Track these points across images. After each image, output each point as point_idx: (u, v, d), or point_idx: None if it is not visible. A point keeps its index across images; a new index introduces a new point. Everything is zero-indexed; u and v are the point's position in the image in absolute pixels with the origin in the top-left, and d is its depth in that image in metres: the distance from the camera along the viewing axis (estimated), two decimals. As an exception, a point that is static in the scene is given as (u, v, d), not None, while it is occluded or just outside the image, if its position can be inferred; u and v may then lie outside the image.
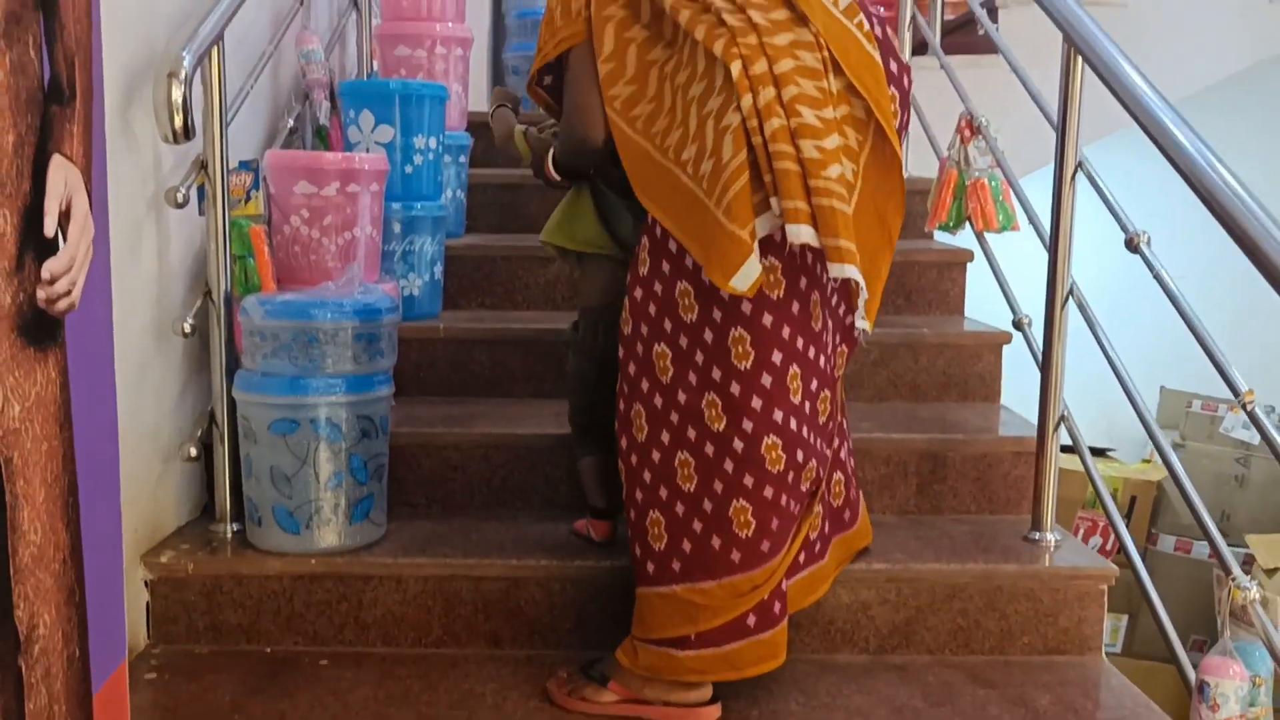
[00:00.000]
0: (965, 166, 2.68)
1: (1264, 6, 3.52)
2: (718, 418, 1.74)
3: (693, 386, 1.75)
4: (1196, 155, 1.65)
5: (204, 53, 1.97)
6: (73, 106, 0.99)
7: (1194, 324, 1.79)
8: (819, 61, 1.68)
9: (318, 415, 2.00)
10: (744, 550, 1.76)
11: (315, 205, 2.31)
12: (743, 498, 1.74)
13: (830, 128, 1.64)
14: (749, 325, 1.71)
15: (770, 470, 1.74)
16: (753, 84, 1.63)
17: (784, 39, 1.67)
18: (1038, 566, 2.09)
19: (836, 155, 1.64)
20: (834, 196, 1.61)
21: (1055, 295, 2.11)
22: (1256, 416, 1.59)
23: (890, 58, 1.78)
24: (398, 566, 2.05)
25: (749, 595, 1.77)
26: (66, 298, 0.99)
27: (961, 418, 2.52)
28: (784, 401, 1.74)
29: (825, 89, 1.67)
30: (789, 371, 1.73)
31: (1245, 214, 1.53)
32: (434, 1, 3.00)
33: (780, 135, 1.61)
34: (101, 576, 1.06)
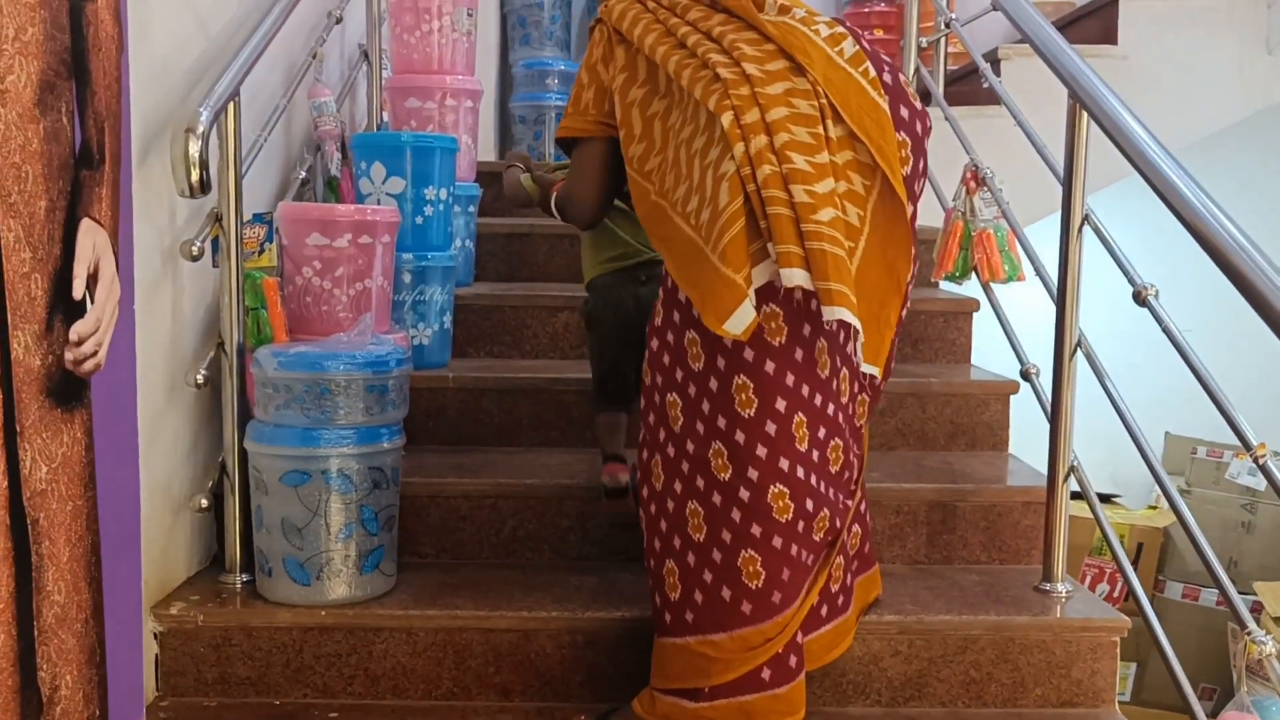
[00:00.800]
0: (970, 217, 2.71)
1: (1262, 58, 3.56)
2: (724, 467, 1.74)
3: (700, 435, 1.76)
4: (1201, 209, 1.67)
5: (220, 108, 2.00)
6: (102, 170, 1.01)
7: (1204, 378, 1.80)
8: (815, 109, 1.70)
9: (329, 467, 2.01)
10: (754, 602, 1.75)
11: (327, 257, 2.33)
12: (751, 548, 1.74)
13: (823, 172, 1.66)
14: (752, 373, 1.72)
15: (778, 519, 1.74)
16: (745, 132, 1.66)
17: (778, 88, 1.70)
18: (1049, 618, 2.08)
19: (829, 199, 1.65)
20: (825, 240, 1.62)
21: (1064, 347, 2.12)
22: (1270, 471, 1.60)
23: (900, 104, 1.79)
24: (408, 618, 2.05)
25: (761, 648, 1.76)
26: (93, 359, 1.00)
27: (970, 467, 2.52)
28: (790, 449, 1.73)
29: (820, 135, 1.69)
30: (794, 419, 1.73)
31: (1250, 266, 1.54)
32: (444, 55, 3.04)
33: (772, 181, 1.63)
34: (122, 635, 1.06)
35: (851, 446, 1.88)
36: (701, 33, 1.78)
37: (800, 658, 1.82)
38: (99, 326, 0.99)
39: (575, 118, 1.93)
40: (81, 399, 0.98)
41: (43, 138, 0.90)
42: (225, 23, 2.31)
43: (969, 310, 2.94)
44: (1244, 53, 3.58)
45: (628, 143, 1.83)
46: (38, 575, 0.93)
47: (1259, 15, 3.56)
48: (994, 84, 2.76)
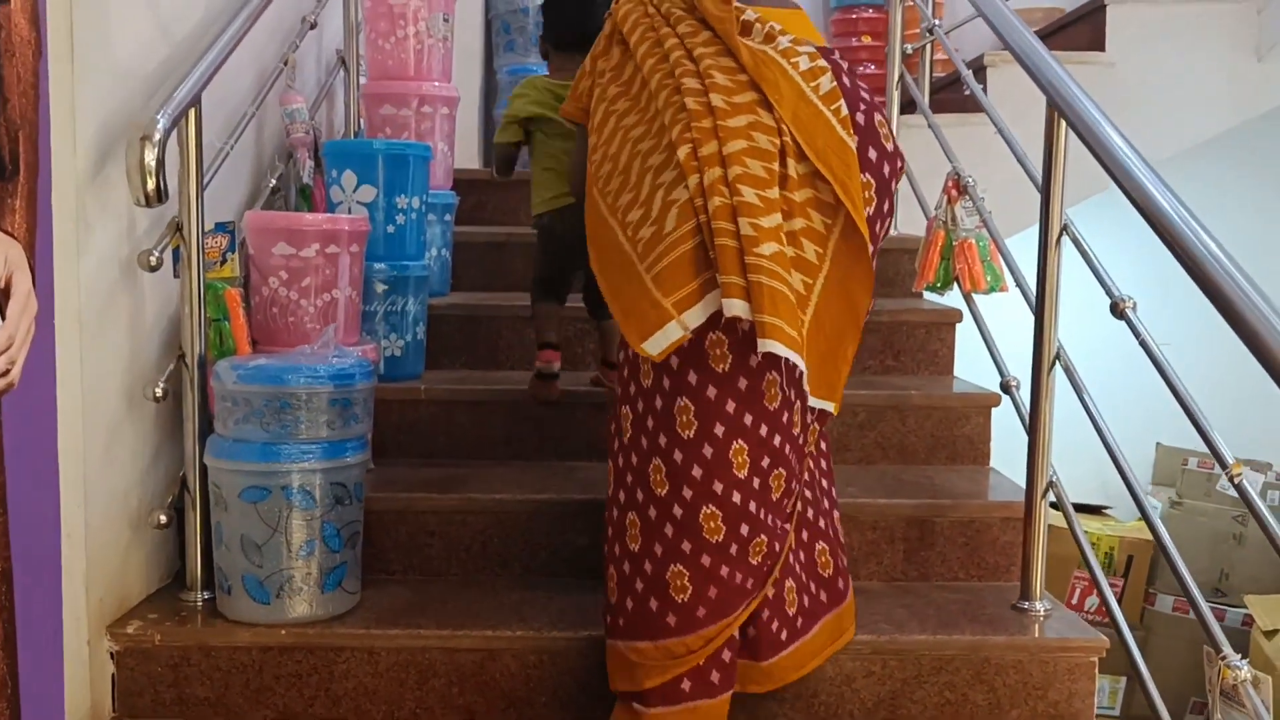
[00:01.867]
0: (952, 227, 2.67)
1: (1251, 66, 3.52)
2: (661, 483, 1.78)
3: (643, 450, 1.81)
4: (1178, 220, 1.63)
5: (180, 115, 1.96)
6: (15, 181, 0.96)
7: (1180, 392, 1.75)
8: (774, 146, 1.72)
9: (290, 482, 1.96)
10: (679, 615, 1.77)
11: (294, 267, 2.29)
12: (680, 563, 1.77)
13: (771, 207, 1.69)
14: (694, 396, 1.74)
15: (709, 539, 1.76)
16: (701, 164, 1.69)
17: (741, 120, 1.73)
18: (1026, 638, 2.04)
19: (773, 234, 1.68)
20: (764, 273, 1.65)
21: (1041, 361, 2.08)
22: (1244, 489, 1.55)
23: (870, 145, 1.80)
24: (370, 638, 2.00)
25: (683, 659, 1.78)
26: (4, 378, 0.95)
27: (950, 482, 2.48)
28: (726, 474, 1.75)
29: (774, 170, 1.71)
30: (732, 446, 1.75)
31: (1225, 278, 1.50)
32: (420, 61, 3.00)
33: (721, 213, 1.67)
34: (39, 666, 1.01)
35: (798, 474, 1.86)
36: (685, 50, 1.81)
37: (725, 676, 1.82)
38: (10, 344, 0.95)
39: (571, 101, 2.03)
40: (-10, 422, 0.94)
41: (-58, 149, 0.86)
42: (190, 28, 2.27)
43: (951, 321, 2.90)
44: (1234, 60, 3.54)
45: (592, 134, 1.90)
46: (-63, 608, 0.88)
47: (1249, 22, 3.52)
48: (975, 91, 2.72)
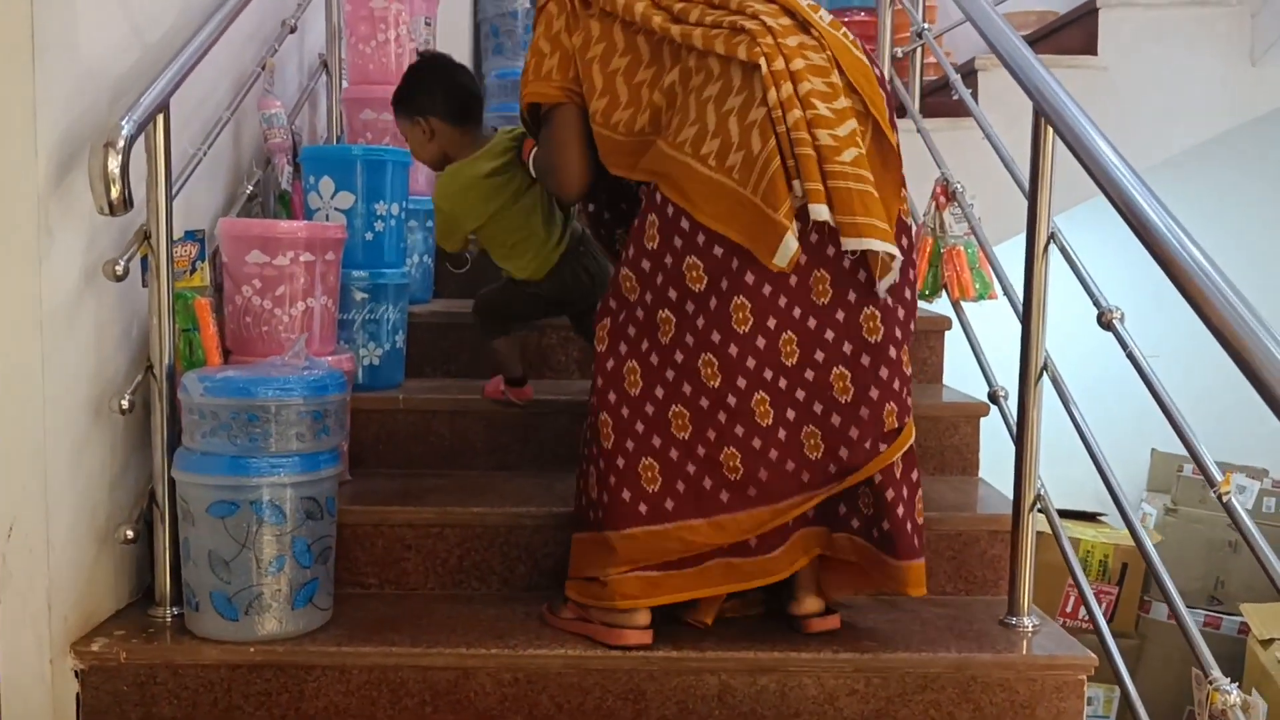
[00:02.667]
0: (941, 233, 2.64)
1: (1246, 69, 3.48)
2: (713, 376, 1.89)
3: (688, 347, 1.91)
4: (1165, 231, 1.58)
5: (146, 120, 1.91)
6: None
7: (1168, 406, 1.71)
8: (825, 60, 1.87)
9: (259, 497, 1.92)
10: (732, 492, 1.90)
11: (268, 275, 2.24)
12: (733, 445, 1.89)
13: (842, 117, 1.83)
14: (751, 294, 1.86)
15: (760, 423, 1.88)
16: (775, 79, 1.81)
17: (794, 40, 1.86)
18: (1014, 655, 1.99)
19: (851, 140, 1.82)
20: (850, 179, 1.79)
21: (1029, 373, 2.03)
22: (1233, 507, 1.51)
23: (874, 66, 1.96)
24: (341, 655, 1.95)
25: (733, 536, 1.92)
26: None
27: (938, 493, 2.43)
28: (776, 363, 1.87)
29: (833, 84, 1.85)
30: (781, 337, 1.87)
31: (1212, 290, 1.45)
32: (402, 65, 2.95)
33: (799, 125, 1.80)
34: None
35: (876, 378, 1.90)
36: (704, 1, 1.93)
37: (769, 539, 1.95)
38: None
39: (541, 83, 2.03)
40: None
41: None
42: (164, 31, 2.22)
43: (941, 329, 2.85)
44: (1228, 64, 3.50)
45: (610, 110, 1.95)
46: None
47: (1243, 26, 3.48)
48: (964, 97, 2.68)
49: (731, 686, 1.96)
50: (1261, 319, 1.39)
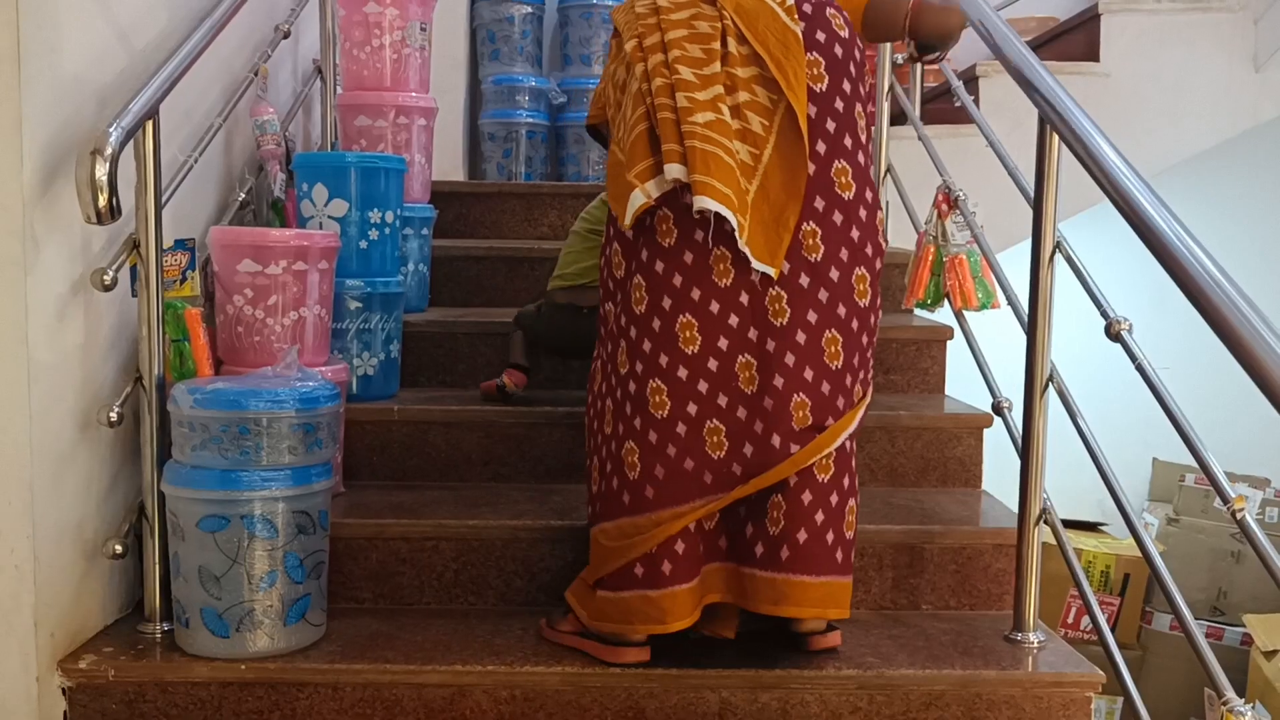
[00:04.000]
0: (943, 242, 2.60)
1: (1249, 76, 3.45)
2: (624, 362, 1.89)
3: (614, 334, 1.92)
4: (1175, 239, 1.55)
5: (135, 127, 1.88)
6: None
7: (1178, 419, 1.68)
8: (714, 29, 1.86)
9: (250, 511, 1.88)
10: (631, 493, 1.85)
11: (260, 284, 2.20)
12: (632, 439, 1.85)
13: (708, 83, 1.82)
14: (645, 272, 1.85)
15: (654, 414, 1.83)
16: (645, 54, 1.87)
17: (683, 14, 1.89)
18: (1019, 672, 1.95)
19: (709, 105, 1.80)
20: (698, 139, 1.77)
21: (1034, 386, 2.00)
22: (1247, 524, 1.47)
23: (817, 29, 1.90)
24: (334, 673, 1.91)
25: (635, 539, 1.83)
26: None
27: (940, 505, 2.40)
28: (673, 349, 1.82)
29: (713, 50, 1.85)
30: (678, 319, 1.81)
31: (1221, 298, 1.42)
32: (396, 71, 2.92)
33: (662, 91, 1.83)
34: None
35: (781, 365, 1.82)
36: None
37: (677, 569, 1.84)
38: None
39: (592, 106, 2.18)
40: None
41: None
42: (152, 37, 2.19)
43: (943, 338, 2.82)
44: (1231, 70, 3.47)
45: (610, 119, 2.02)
46: None
47: (1246, 32, 3.45)
48: (967, 104, 2.65)
49: (732, 704, 1.92)
50: (1271, 325, 1.35)
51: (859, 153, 1.90)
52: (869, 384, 1.94)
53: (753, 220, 1.79)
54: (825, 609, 1.86)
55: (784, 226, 1.81)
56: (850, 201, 1.86)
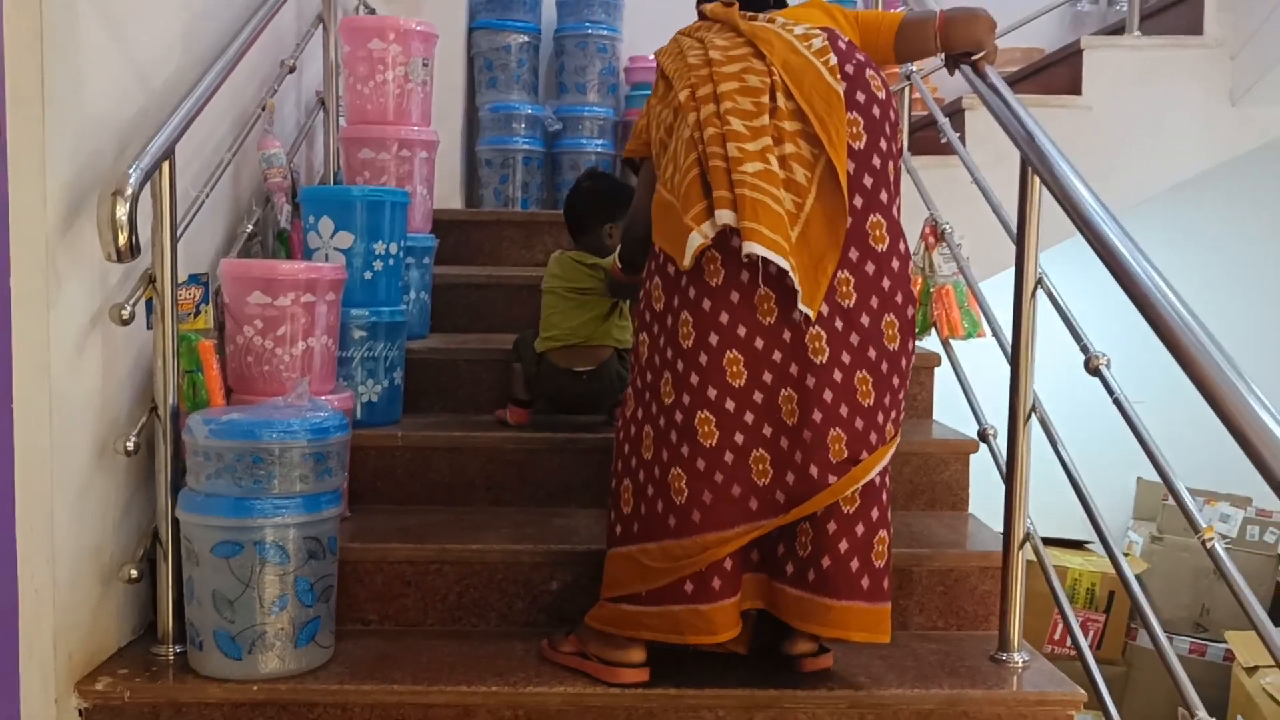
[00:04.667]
0: (930, 273, 2.69)
1: (1225, 109, 3.55)
2: (668, 393, 1.96)
3: (656, 366, 2.00)
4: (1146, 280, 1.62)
5: (153, 168, 1.95)
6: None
7: (1153, 451, 1.76)
8: (764, 83, 1.96)
9: (263, 537, 1.95)
10: (678, 516, 1.93)
11: (270, 316, 2.28)
12: (679, 466, 1.93)
13: (757, 134, 1.92)
14: (692, 309, 1.93)
15: (703, 443, 1.91)
16: (698, 103, 1.97)
17: (734, 67, 1.99)
18: (1004, 692, 2.03)
19: (759, 155, 1.90)
20: (748, 187, 1.87)
21: (1018, 415, 2.08)
22: (1216, 554, 1.55)
23: (857, 89, 1.98)
24: (343, 693, 1.98)
25: (683, 562, 1.91)
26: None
27: (928, 529, 2.48)
28: (719, 381, 1.91)
29: (763, 104, 1.95)
30: (726, 354, 1.90)
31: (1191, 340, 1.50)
32: (400, 105, 3.00)
33: (714, 140, 1.92)
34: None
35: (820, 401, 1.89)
36: (695, 39, 2.10)
37: (727, 584, 1.93)
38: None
39: (632, 140, 2.24)
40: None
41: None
42: (168, 76, 2.27)
43: (930, 366, 2.90)
44: (1209, 104, 3.57)
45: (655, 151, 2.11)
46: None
47: (1223, 68, 3.56)
48: (951, 139, 2.74)
49: (728, 724, 1.99)
50: (1235, 363, 1.42)
51: (893, 207, 1.98)
52: (899, 423, 2.01)
53: (797, 264, 1.88)
54: (848, 631, 1.94)
55: (822, 272, 1.90)
56: (883, 254, 1.95)
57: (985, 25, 2.13)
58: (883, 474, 1.97)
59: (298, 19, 3.11)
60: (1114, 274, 1.68)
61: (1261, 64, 3.42)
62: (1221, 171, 3.83)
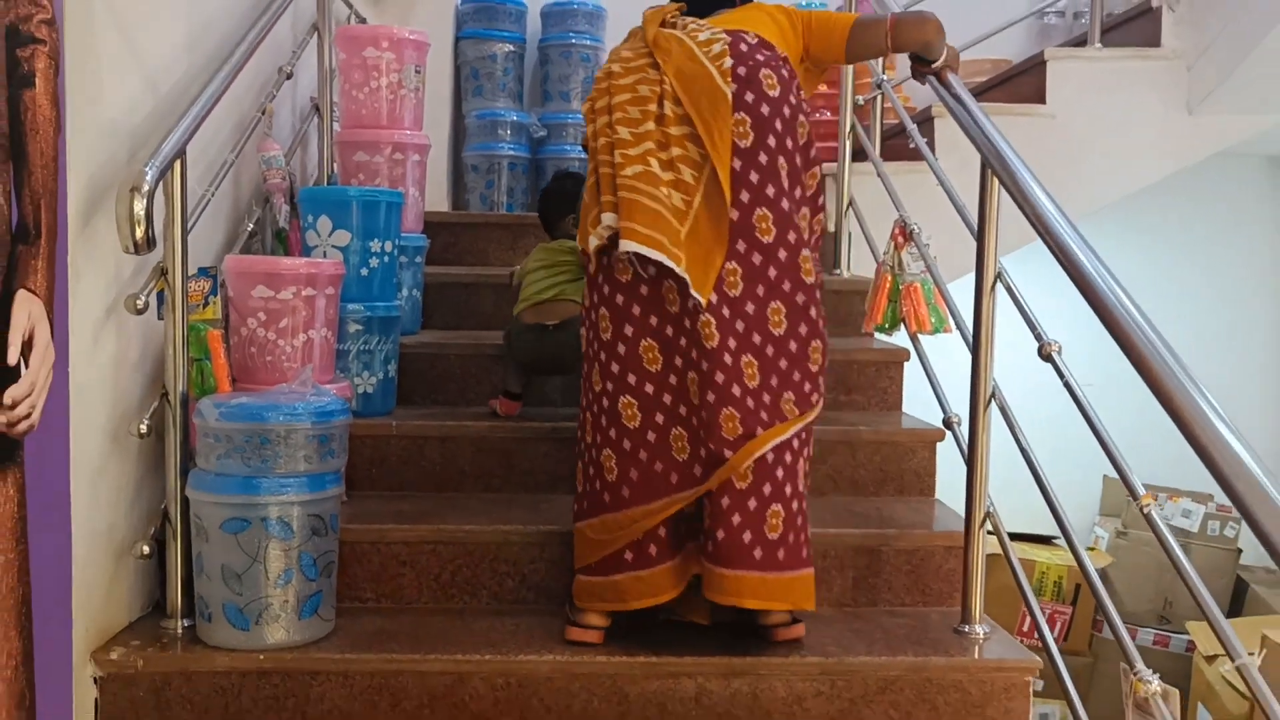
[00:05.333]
0: (899, 271, 2.82)
1: (1182, 118, 3.71)
2: (597, 381, 2.18)
3: (589, 357, 2.22)
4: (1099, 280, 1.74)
5: (166, 168, 2.07)
6: (38, 244, 1.08)
7: (1099, 429, 1.90)
8: (654, 92, 2.16)
9: (269, 514, 2.07)
10: (611, 493, 2.14)
11: (272, 308, 2.40)
12: (609, 447, 2.15)
13: (640, 139, 2.13)
14: (609, 304, 2.15)
15: (627, 425, 2.12)
16: (595, 115, 2.20)
17: (630, 79, 2.20)
18: (966, 659, 2.17)
19: (640, 159, 2.10)
20: (627, 189, 2.07)
21: (978, 401, 2.22)
22: (1153, 520, 1.69)
23: (747, 91, 2.14)
24: (345, 662, 2.10)
25: (619, 534, 2.11)
26: (26, 420, 1.07)
27: (897, 512, 2.61)
28: (638, 368, 2.12)
29: (648, 110, 2.14)
30: (640, 343, 2.12)
31: (1136, 331, 1.63)
32: (393, 111, 3.13)
33: (604, 149, 2.14)
34: (52, 682, 1.12)
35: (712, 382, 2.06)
36: (614, 53, 2.31)
37: (662, 549, 2.11)
38: (33, 390, 1.06)
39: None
40: (14, 458, 1.05)
41: (-20, 218, 0.97)
42: (175, 82, 2.39)
43: (900, 360, 3.04)
44: (1166, 114, 3.73)
45: None
46: (-32, 626, 0.99)
47: (1180, 79, 3.72)
48: (920, 145, 2.88)
49: (707, 689, 2.12)
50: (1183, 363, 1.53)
51: (782, 200, 2.13)
52: (805, 404, 2.14)
53: (688, 256, 2.07)
54: (742, 598, 2.07)
55: (710, 264, 2.09)
56: (770, 245, 2.12)
57: (933, 27, 2.27)
58: (779, 450, 2.09)
59: (293, 28, 3.23)
60: (1066, 269, 1.82)
61: (1216, 75, 3.58)
62: (1181, 177, 3.99)
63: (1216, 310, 5.45)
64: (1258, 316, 5.59)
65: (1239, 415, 1.47)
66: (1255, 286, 5.57)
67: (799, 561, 2.12)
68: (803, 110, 2.21)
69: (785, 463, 2.11)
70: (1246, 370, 5.47)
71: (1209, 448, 1.42)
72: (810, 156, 2.24)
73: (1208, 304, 5.42)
